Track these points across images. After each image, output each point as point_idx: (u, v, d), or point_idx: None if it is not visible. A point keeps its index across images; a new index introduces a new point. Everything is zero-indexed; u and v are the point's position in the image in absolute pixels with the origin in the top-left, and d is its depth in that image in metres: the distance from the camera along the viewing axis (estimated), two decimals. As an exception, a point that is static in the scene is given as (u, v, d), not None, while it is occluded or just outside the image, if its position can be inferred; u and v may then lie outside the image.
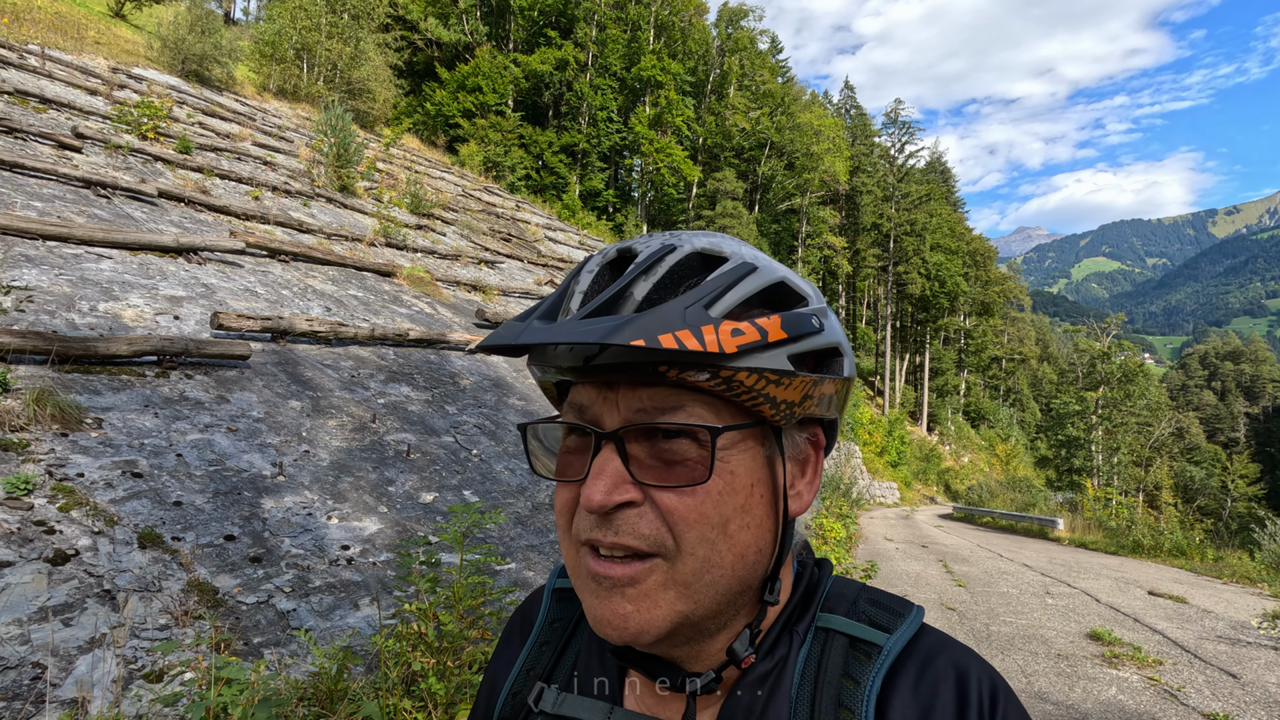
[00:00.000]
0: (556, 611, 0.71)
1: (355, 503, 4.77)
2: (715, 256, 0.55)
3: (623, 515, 0.52)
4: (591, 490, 0.51)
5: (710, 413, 0.52)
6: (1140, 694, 4.71)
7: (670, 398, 0.52)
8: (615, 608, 0.52)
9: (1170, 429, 42.20)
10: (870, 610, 0.60)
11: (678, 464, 0.52)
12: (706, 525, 0.52)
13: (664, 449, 0.52)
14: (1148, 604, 7.88)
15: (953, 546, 14.41)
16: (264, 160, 12.94)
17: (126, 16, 22.50)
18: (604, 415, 0.53)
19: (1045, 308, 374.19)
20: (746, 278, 0.53)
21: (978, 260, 67.01)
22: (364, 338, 7.43)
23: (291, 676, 2.98)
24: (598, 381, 0.54)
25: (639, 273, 0.52)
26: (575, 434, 0.56)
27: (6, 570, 3.00)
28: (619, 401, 0.52)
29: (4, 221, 5.76)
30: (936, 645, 0.57)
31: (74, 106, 10.28)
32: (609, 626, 0.52)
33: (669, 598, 0.52)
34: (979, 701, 0.53)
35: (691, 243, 0.55)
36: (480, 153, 29.86)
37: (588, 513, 0.52)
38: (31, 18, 15.52)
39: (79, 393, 4.44)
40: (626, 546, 0.51)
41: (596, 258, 0.56)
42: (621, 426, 0.52)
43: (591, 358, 0.49)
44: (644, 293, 0.51)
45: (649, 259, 0.53)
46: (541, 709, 0.63)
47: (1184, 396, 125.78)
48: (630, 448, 0.52)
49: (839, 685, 0.55)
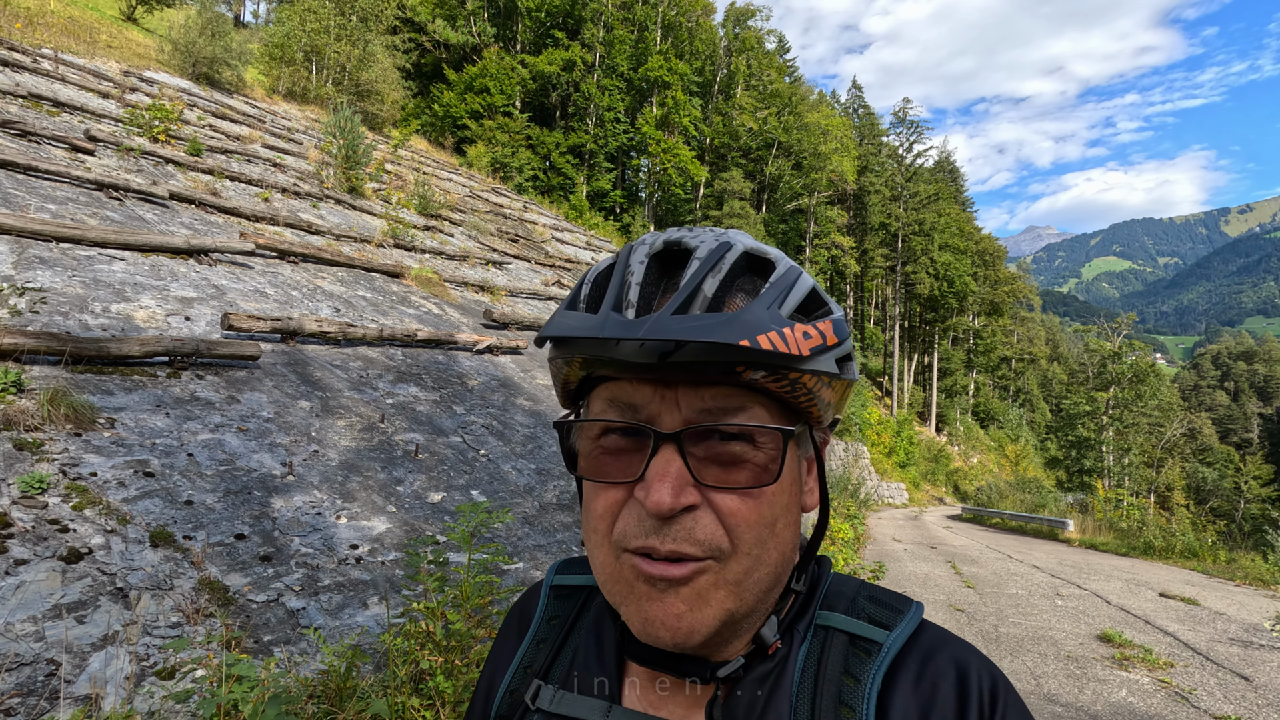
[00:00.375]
0: (554, 608, 0.71)
1: (364, 502, 4.80)
2: (761, 258, 0.55)
3: (681, 519, 0.51)
4: (660, 493, 0.49)
5: (768, 414, 0.53)
6: (1151, 696, 4.68)
7: (733, 398, 0.51)
8: (669, 607, 0.51)
9: (1182, 430, 41.84)
10: (870, 607, 0.60)
11: (737, 465, 0.52)
12: (762, 526, 0.52)
13: (722, 451, 0.52)
14: (1159, 606, 7.82)
15: (961, 547, 14.34)
16: (273, 162, 13.03)
17: (138, 20, 22.70)
18: (663, 415, 0.52)
19: (1055, 307, 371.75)
20: (798, 281, 0.54)
21: (987, 260, 66.62)
22: (372, 338, 7.47)
23: (301, 674, 3.00)
24: (653, 379, 0.52)
25: (707, 270, 0.52)
26: (620, 434, 0.54)
27: (22, 568, 3.04)
28: (680, 401, 0.51)
29: (19, 224, 5.83)
30: (937, 641, 0.58)
31: (87, 110, 10.38)
32: (662, 627, 0.52)
33: (719, 597, 0.52)
34: (979, 697, 0.53)
35: (741, 241, 0.55)
36: (488, 154, 29.94)
37: (652, 516, 0.51)
38: (45, 22, 15.68)
39: (92, 393, 4.49)
40: (682, 553, 0.51)
41: (641, 248, 0.55)
42: (684, 428, 0.51)
43: (668, 354, 0.48)
44: (713, 290, 0.51)
45: (712, 256, 0.53)
46: (539, 707, 0.62)
47: (1196, 397, 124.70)
48: (690, 449, 0.51)
49: (839, 683, 0.55)
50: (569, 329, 0.52)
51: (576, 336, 0.51)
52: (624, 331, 0.49)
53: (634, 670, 0.62)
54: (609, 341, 0.50)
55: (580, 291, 0.56)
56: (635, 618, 0.53)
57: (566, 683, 0.63)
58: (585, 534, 0.57)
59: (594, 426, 0.56)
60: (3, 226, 5.74)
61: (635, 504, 0.52)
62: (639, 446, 0.53)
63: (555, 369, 0.58)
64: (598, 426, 0.55)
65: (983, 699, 0.53)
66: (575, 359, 0.54)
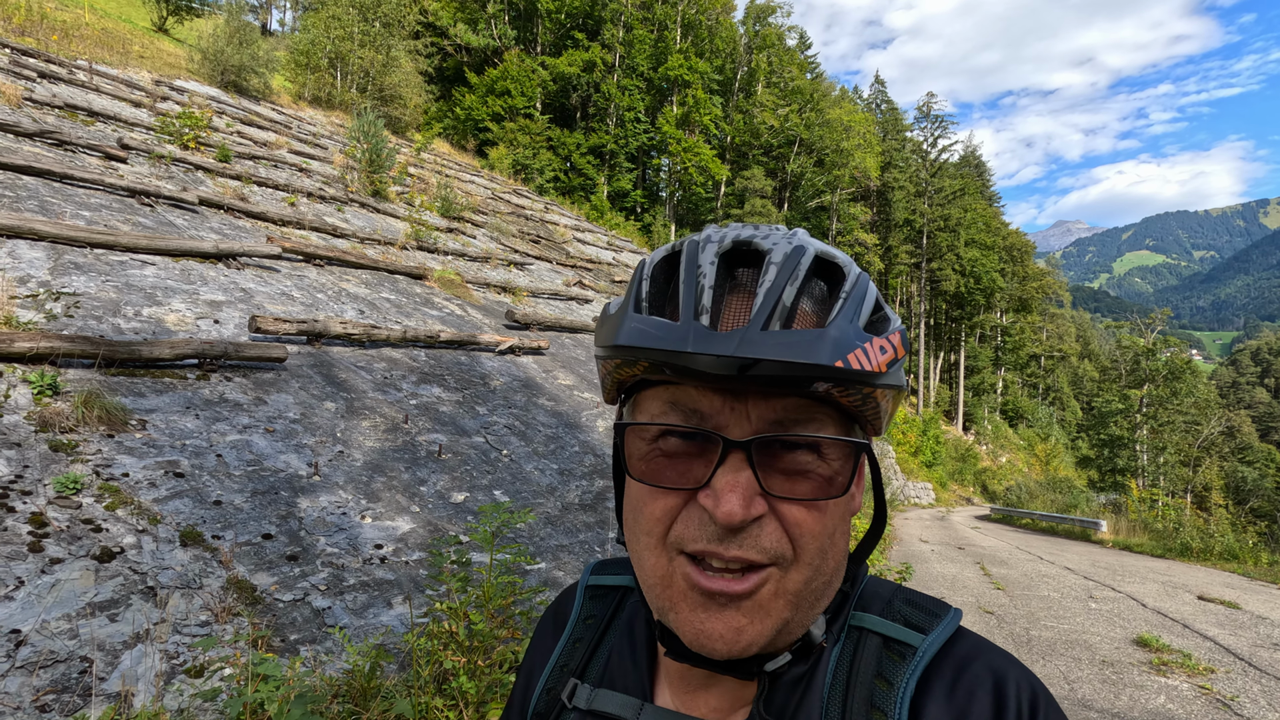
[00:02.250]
0: (590, 608, 0.72)
1: (388, 502, 4.84)
2: (830, 262, 0.54)
3: (748, 529, 0.50)
4: (731, 504, 0.49)
5: (834, 425, 0.52)
6: (1191, 703, 4.54)
7: (804, 410, 0.51)
8: (730, 621, 0.51)
9: (1220, 428, 40.66)
10: (905, 610, 0.59)
11: (804, 476, 0.51)
12: (824, 536, 0.52)
13: (790, 461, 0.51)
14: (1197, 609, 7.59)
15: (990, 548, 14.09)
16: (299, 167, 13.24)
17: (169, 31, 23.25)
18: (731, 424, 0.51)
19: (1085, 303, 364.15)
20: (869, 291, 0.53)
21: (1014, 255, 65.40)
22: (396, 340, 7.54)
23: (326, 673, 3.03)
24: (721, 387, 0.51)
25: (786, 279, 0.50)
26: (681, 438, 0.53)
27: (57, 567, 3.11)
28: (750, 411, 0.50)
29: (55, 230, 5.98)
30: (974, 649, 0.56)
31: (119, 119, 10.64)
32: (721, 641, 0.51)
33: (779, 606, 0.52)
34: (1017, 709, 0.51)
35: (811, 244, 0.54)
36: (509, 155, 30.14)
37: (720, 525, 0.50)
38: (80, 34, 16.12)
39: (124, 395, 4.58)
40: (748, 560, 0.50)
41: (711, 247, 0.53)
42: (755, 437, 0.50)
43: (747, 368, 0.47)
44: (791, 299, 0.50)
45: (789, 262, 0.51)
46: (575, 705, 0.63)
47: (1235, 394, 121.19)
48: (759, 458, 0.51)
49: (871, 686, 0.54)
50: (649, 338, 0.50)
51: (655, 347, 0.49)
52: (710, 347, 0.47)
53: (667, 669, 0.62)
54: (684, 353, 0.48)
55: (640, 289, 0.54)
56: (687, 629, 0.52)
57: (602, 681, 0.64)
58: (634, 536, 0.56)
59: (649, 429, 0.54)
60: (40, 233, 5.89)
61: (696, 510, 0.51)
62: (702, 452, 0.52)
63: (609, 368, 0.56)
64: (655, 428, 0.54)
65: (1020, 711, 0.51)
66: (640, 363, 0.52)
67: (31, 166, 7.18)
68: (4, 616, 2.77)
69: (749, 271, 0.53)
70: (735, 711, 0.58)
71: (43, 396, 4.19)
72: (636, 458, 0.55)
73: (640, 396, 0.56)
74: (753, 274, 0.53)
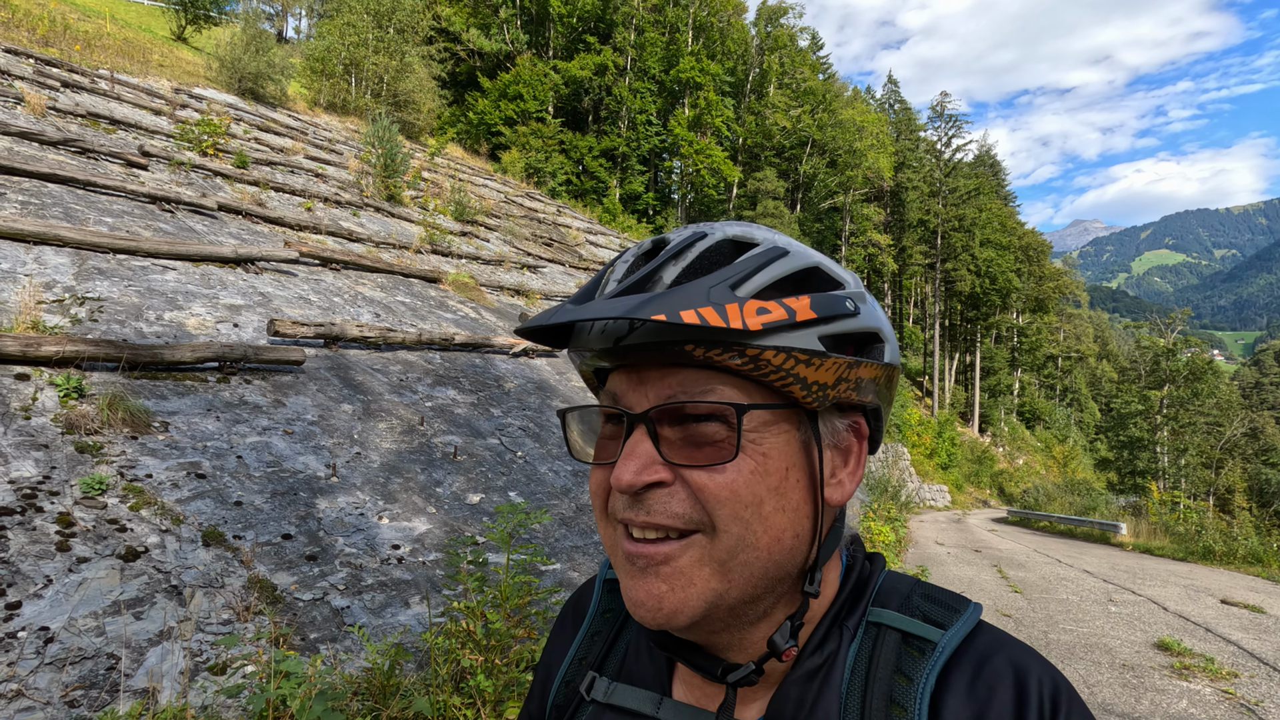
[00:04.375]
0: (608, 602, 0.72)
1: (405, 503, 4.89)
2: (746, 243, 0.55)
3: (654, 495, 0.52)
4: (621, 470, 0.51)
5: (740, 394, 0.52)
6: (1214, 708, 4.47)
7: (699, 381, 0.52)
8: (650, 588, 0.52)
9: (1243, 429, 39.98)
10: (925, 605, 0.58)
11: (708, 444, 0.52)
12: (739, 504, 0.51)
13: (695, 431, 0.52)
14: (1220, 613, 7.47)
15: (1008, 551, 13.94)
16: (315, 172, 13.39)
17: (188, 40, 23.61)
18: (634, 399, 0.54)
19: (1104, 303, 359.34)
20: (776, 261, 0.53)
21: (1030, 255, 64.72)
22: (411, 342, 7.61)
23: (346, 671, 3.06)
24: (629, 368, 0.55)
25: (669, 257, 0.53)
26: (610, 419, 0.58)
27: (84, 566, 3.17)
28: (649, 386, 0.53)
29: (78, 237, 6.10)
30: (994, 643, 0.55)
31: (140, 126, 10.82)
32: (643, 608, 0.53)
33: (704, 575, 0.52)
34: (1039, 703, 0.51)
35: (723, 230, 0.55)
36: (522, 159, 30.29)
37: (619, 493, 0.53)
38: (101, 44, 16.42)
39: (147, 398, 4.66)
40: (659, 526, 0.52)
41: (633, 248, 0.57)
42: (651, 408, 0.53)
43: (621, 338, 0.50)
44: (673, 276, 0.52)
45: (679, 245, 0.54)
46: (593, 698, 0.64)
47: (1258, 395, 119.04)
48: (661, 430, 0.53)
49: (891, 681, 0.54)
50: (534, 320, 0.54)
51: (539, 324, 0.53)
52: (566, 316, 0.50)
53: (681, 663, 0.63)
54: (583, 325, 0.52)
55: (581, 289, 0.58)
56: (626, 596, 0.54)
57: (620, 674, 0.65)
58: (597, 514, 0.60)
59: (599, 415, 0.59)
60: (65, 239, 6.01)
61: None
62: (621, 431, 0.56)
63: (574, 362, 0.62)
64: (600, 414, 0.59)
65: (1043, 705, 0.51)
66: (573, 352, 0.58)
67: (56, 174, 7.32)
68: (33, 614, 2.83)
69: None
70: (752, 705, 0.58)
71: (69, 399, 4.27)
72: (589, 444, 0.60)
73: None
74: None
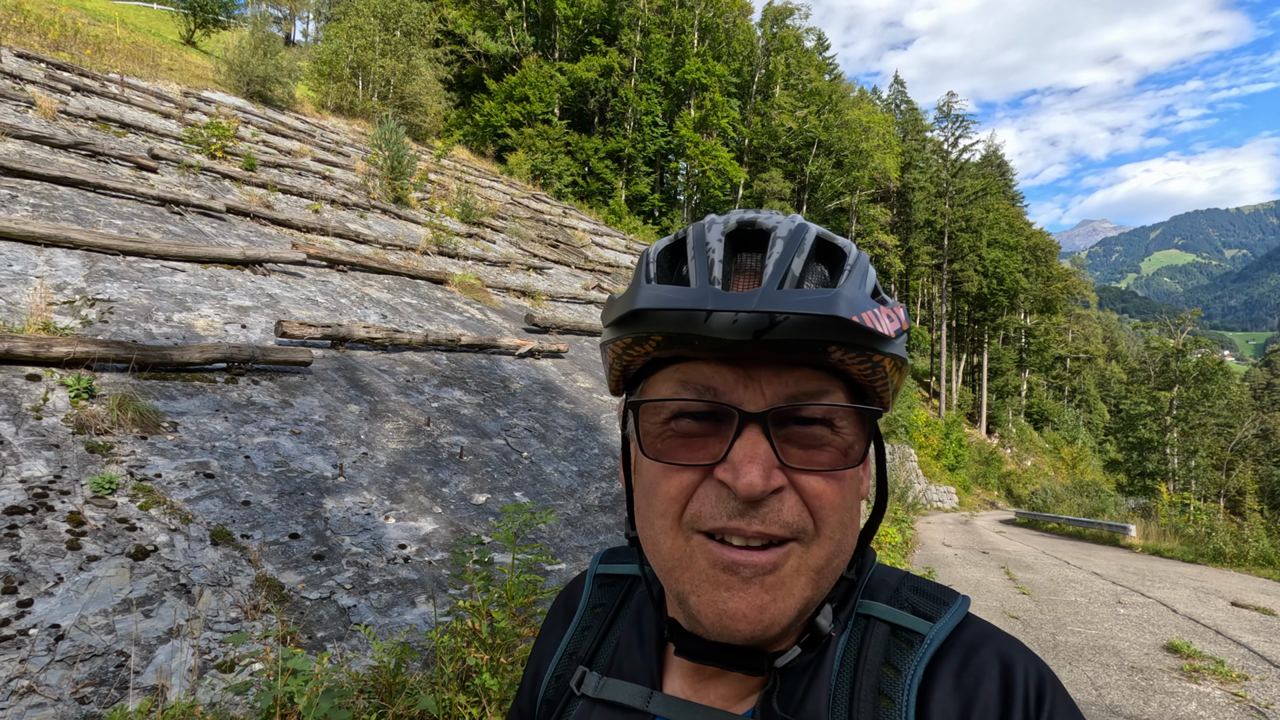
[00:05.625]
0: (599, 597, 0.72)
1: (411, 503, 4.91)
2: (830, 243, 0.55)
3: (769, 502, 0.50)
4: (750, 476, 0.48)
5: (847, 398, 0.53)
6: (1224, 710, 4.44)
7: (816, 381, 0.51)
8: (753, 598, 0.50)
9: (1254, 430, 39.63)
10: (913, 598, 0.59)
11: (819, 448, 0.52)
12: (844, 509, 0.52)
13: (805, 433, 0.52)
14: (1231, 615, 7.41)
15: (1015, 553, 13.87)
16: (323, 175, 13.46)
17: (196, 43, 23.77)
18: (746, 398, 0.51)
19: (1112, 304, 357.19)
20: (870, 270, 0.54)
21: (1038, 256, 64.34)
22: (418, 343, 7.64)
23: (353, 669, 3.08)
24: (729, 362, 0.51)
25: (794, 250, 0.51)
26: (694, 418, 0.53)
27: (94, 564, 3.20)
28: (763, 386, 0.51)
29: (89, 239, 6.16)
30: (981, 635, 0.56)
31: (150, 130, 10.91)
32: (743, 620, 0.50)
33: (801, 584, 0.51)
34: (1025, 694, 0.51)
35: (814, 226, 0.55)
36: (528, 161, 30.36)
37: (741, 500, 0.49)
38: (112, 48, 16.56)
39: (156, 398, 4.70)
40: (770, 535, 0.50)
41: (716, 227, 0.54)
42: (771, 408, 0.50)
43: (762, 331, 0.47)
44: (799, 270, 0.51)
45: (794, 237, 0.52)
46: (584, 692, 0.64)
47: (1270, 395, 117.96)
48: (775, 431, 0.51)
49: (879, 673, 0.54)
50: (668, 301, 0.49)
51: (674, 308, 0.48)
52: (729, 304, 0.47)
53: (675, 657, 0.62)
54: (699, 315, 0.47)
55: (648, 270, 0.54)
56: (708, 610, 0.51)
57: (610, 669, 0.65)
58: (646, 520, 0.55)
59: (661, 409, 0.54)
60: (75, 241, 6.07)
61: (714, 486, 0.51)
62: (717, 430, 0.52)
63: (618, 350, 0.55)
64: (667, 409, 0.53)
65: (1028, 697, 0.51)
66: (653, 336, 0.51)
67: (67, 177, 7.40)
68: (44, 611, 2.86)
69: (753, 257, 0.54)
70: (743, 700, 0.58)
71: (79, 399, 4.31)
72: (652, 437, 0.54)
73: (649, 381, 0.56)
74: (757, 258, 0.53)
